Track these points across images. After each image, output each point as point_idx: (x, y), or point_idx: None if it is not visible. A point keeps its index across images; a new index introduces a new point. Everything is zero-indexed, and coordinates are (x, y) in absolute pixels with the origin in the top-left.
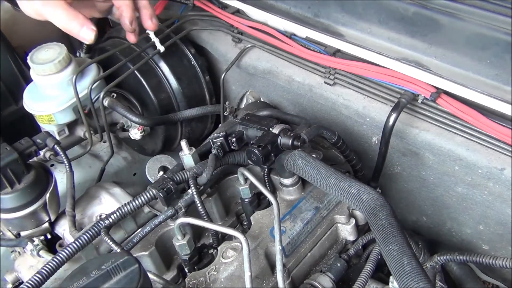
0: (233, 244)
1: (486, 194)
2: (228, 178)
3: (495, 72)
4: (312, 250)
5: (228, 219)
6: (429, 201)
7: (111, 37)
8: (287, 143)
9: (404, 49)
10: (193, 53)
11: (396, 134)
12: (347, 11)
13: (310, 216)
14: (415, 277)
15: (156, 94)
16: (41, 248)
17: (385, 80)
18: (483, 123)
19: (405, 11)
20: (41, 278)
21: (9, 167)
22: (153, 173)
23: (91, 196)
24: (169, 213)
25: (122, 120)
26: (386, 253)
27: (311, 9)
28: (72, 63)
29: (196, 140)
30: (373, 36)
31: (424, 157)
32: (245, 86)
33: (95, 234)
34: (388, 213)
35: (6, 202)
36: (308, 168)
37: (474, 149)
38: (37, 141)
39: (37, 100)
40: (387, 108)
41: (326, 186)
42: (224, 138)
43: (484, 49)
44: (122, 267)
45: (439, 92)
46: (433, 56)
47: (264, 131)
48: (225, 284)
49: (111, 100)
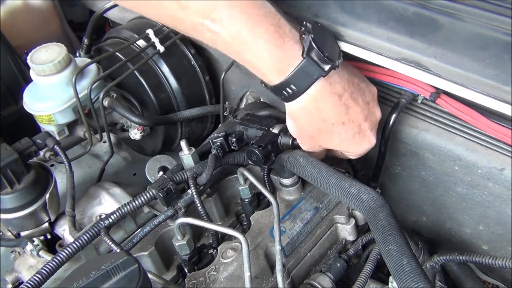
0: (232, 244)
1: (485, 194)
2: (228, 178)
3: (495, 73)
4: (311, 250)
5: (228, 219)
6: (429, 201)
7: (111, 37)
8: (287, 143)
9: (403, 49)
10: (193, 53)
11: (395, 134)
12: (347, 11)
13: (310, 216)
14: (414, 277)
15: (156, 94)
16: (41, 248)
17: (385, 80)
18: (483, 123)
19: (405, 11)
20: (41, 278)
21: (9, 167)
22: (153, 173)
23: (91, 196)
24: (168, 213)
25: (122, 120)
26: (386, 253)
27: (311, 10)
28: (72, 63)
29: (196, 140)
30: (373, 36)
31: (424, 157)
32: (245, 86)
33: (95, 234)
34: (387, 213)
35: (6, 202)
36: (309, 167)
37: (474, 149)
38: (37, 141)
39: (37, 100)
40: (387, 108)
41: (327, 186)
42: (224, 138)
43: (483, 49)
44: (121, 267)
45: (439, 92)
46: (432, 56)
47: (264, 131)
48: (224, 284)
49: (111, 100)
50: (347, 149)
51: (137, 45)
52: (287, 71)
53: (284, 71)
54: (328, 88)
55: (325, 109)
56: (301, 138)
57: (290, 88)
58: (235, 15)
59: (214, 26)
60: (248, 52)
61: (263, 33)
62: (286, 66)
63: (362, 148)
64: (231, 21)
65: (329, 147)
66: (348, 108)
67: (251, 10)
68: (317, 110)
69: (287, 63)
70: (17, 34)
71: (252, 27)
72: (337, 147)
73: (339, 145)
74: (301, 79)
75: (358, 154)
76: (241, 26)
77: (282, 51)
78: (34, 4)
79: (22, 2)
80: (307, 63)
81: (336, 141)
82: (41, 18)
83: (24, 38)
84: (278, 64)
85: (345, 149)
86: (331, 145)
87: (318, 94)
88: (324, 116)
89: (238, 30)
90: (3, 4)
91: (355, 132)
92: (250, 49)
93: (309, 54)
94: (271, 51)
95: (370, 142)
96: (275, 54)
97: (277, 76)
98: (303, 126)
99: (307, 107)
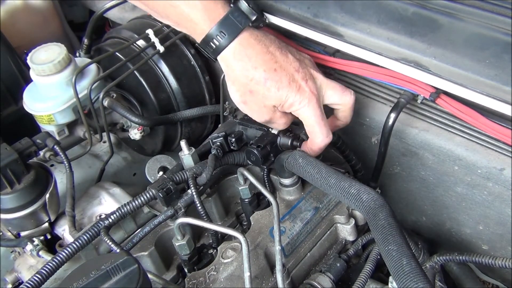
0: (232, 244)
1: (485, 194)
2: (228, 178)
3: (495, 73)
4: (311, 250)
5: (228, 219)
6: (428, 201)
7: (111, 37)
8: (286, 143)
9: (403, 49)
10: (193, 53)
11: (395, 134)
12: (346, 11)
13: (310, 216)
14: (414, 278)
15: (155, 94)
16: (41, 248)
17: (385, 80)
18: (483, 123)
19: (404, 11)
20: (41, 278)
21: (9, 167)
22: (152, 173)
23: (91, 196)
24: (168, 213)
25: (121, 120)
26: (385, 254)
27: (311, 10)
28: (72, 63)
29: (195, 140)
30: (373, 36)
31: (424, 157)
32: None
33: (94, 234)
34: (387, 213)
35: (6, 202)
36: (309, 167)
37: (474, 149)
38: (37, 141)
39: (37, 100)
40: (387, 108)
41: (326, 186)
42: (223, 138)
43: (483, 49)
44: (121, 267)
45: (439, 92)
46: (432, 56)
47: (264, 131)
48: (224, 284)
49: (110, 100)
50: (292, 102)
51: (137, 45)
52: (217, 18)
53: (214, 18)
54: (254, 36)
55: (254, 55)
56: (243, 96)
57: (219, 36)
58: None
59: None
60: (184, 4)
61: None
62: (217, 15)
63: (304, 101)
64: None
65: (272, 102)
66: (275, 56)
67: None
68: (247, 56)
69: (218, 12)
70: (17, 34)
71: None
72: (278, 99)
73: (279, 95)
74: (229, 27)
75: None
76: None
77: (215, 1)
78: (34, 4)
79: (22, 2)
80: (235, 10)
81: (274, 90)
82: (41, 18)
83: (24, 38)
84: (210, 13)
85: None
86: (272, 97)
87: (245, 41)
88: (254, 63)
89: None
90: (3, 4)
91: (290, 80)
92: (186, 1)
93: (236, 4)
94: (204, 1)
95: (311, 94)
96: (208, 4)
97: (208, 24)
98: (237, 76)
99: (237, 54)
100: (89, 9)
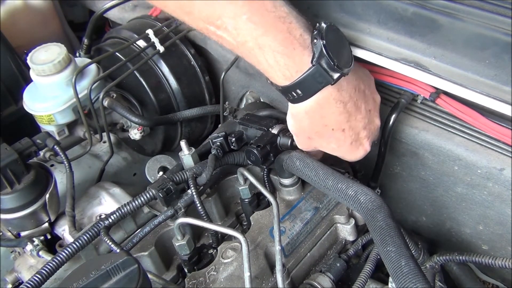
0: (232, 244)
1: (485, 194)
2: (228, 178)
3: (494, 73)
4: (311, 250)
5: (228, 219)
6: (428, 201)
7: (111, 37)
8: (286, 143)
9: (403, 49)
10: (192, 53)
11: (395, 134)
12: (346, 11)
13: (310, 216)
14: (412, 278)
15: (155, 94)
16: (41, 248)
17: (385, 81)
18: (483, 124)
19: (404, 11)
20: (41, 278)
21: (9, 168)
22: (152, 173)
23: (91, 196)
24: (168, 213)
25: (121, 120)
26: (384, 255)
27: (311, 10)
28: (72, 63)
29: (195, 140)
30: (372, 37)
31: (424, 157)
32: (245, 86)
33: (94, 234)
34: (385, 214)
35: (6, 202)
36: (306, 170)
37: (474, 149)
38: (37, 141)
39: (37, 100)
40: (387, 108)
41: (324, 188)
42: (223, 138)
43: (483, 49)
44: (121, 267)
45: (438, 93)
46: (432, 56)
47: (264, 131)
48: (224, 284)
49: (110, 100)
50: (342, 155)
51: (137, 45)
52: (294, 77)
53: (291, 77)
54: (334, 95)
55: (329, 115)
56: (299, 137)
57: (295, 92)
58: (240, 25)
59: (220, 32)
60: (254, 58)
61: (270, 42)
62: (294, 73)
63: (356, 155)
64: (236, 31)
65: (324, 150)
66: (350, 115)
67: (259, 17)
68: (321, 115)
69: (295, 69)
70: (17, 34)
71: (258, 36)
72: (332, 151)
73: (335, 150)
74: (308, 85)
75: (350, 160)
76: (247, 35)
77: (290, 59)
78: (34, 4)
79: (22, 2)
80: (316, 70)
81: (333, 146)
82: (41, 18)
83: (24, 38)
84: (285, 71)
85: (339, 154)
86: (327, 149)
87: (324, 101)
88: (326, 122)
89: (243, 40)
90: (3, 4)
91: (353, 140)
92: (256, 56)
93: (319, 62)
94: (278, 59)
95: (365, 150)
96: (282, 62)
97: (283, 81)
98: (303, 127)
99: (311, 112)
100: (89, 9)
